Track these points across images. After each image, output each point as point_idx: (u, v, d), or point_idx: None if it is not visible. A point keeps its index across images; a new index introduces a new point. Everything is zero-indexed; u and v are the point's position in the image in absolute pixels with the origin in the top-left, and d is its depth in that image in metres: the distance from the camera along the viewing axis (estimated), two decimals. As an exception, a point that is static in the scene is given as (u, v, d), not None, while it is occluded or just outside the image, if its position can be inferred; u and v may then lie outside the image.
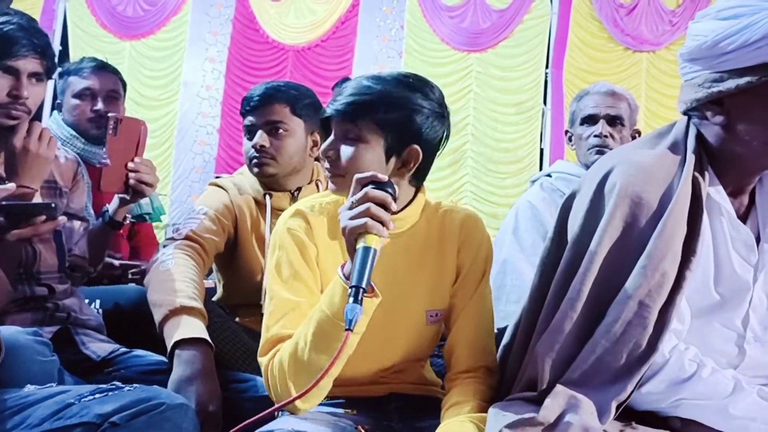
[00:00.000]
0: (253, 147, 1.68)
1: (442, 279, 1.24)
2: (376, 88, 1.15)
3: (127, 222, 1.67)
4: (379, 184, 1.04)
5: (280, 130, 1.69)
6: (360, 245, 0.98)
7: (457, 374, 1.20)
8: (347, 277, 1.02)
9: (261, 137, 1.68)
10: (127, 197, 1.54)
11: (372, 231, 0.98)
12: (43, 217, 1.15)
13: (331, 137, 1.18)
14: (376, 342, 1.13)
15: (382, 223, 1.00)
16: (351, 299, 0.93)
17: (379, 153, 1.16)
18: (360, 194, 1.02)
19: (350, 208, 1.02)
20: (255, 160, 1.69)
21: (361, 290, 0.94)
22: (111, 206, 1.61)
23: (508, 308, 1.73)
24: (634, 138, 1.97)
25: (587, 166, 1.91)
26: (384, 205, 1.01)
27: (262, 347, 1.13)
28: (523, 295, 1.66)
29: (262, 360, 1.13)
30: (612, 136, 1.90)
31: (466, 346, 1.22)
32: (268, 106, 1.68)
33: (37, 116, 1.39)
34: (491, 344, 1.25)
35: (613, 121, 1.92)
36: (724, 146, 1.10)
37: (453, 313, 1.25)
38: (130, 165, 1.49)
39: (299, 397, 0.98)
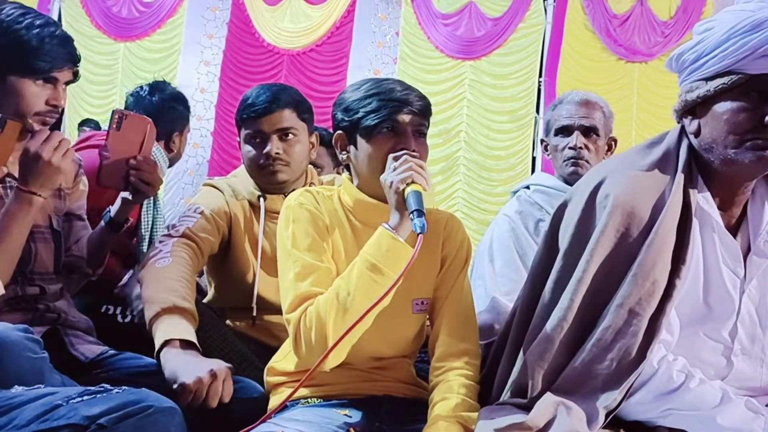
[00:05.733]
0: (266, 154, 1.65)
1: (428, 270, 1.32)
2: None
3: (129, 223, 1.62)
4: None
5: (290, 136, 1.67)
6: (409, 190, 1.16)
7: (441, 362, 1.26)
8: (393, 229, 1.17)
9: (276, 145, 1.65)
10: (129, 197, 1.53)
11: (417, 180, 1.16)
12: None
13: (408, 135, 1.25)
14: (366, 329, 1.17)
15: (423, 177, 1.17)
16: (416, 217, 1.13)
17: None
18: (401, 159, 1.19)
19: (393, 171, 1.18)
20: (269, 168, 1.66)
21: (422, 212, 1.14)
22: (113, 207, 1.58)
23: None
24: (609, 146, 1.94)
25: (564, 178, 1.89)
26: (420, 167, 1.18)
27: (291, 304, 1.20)
28: (483, 305, 1.64)
29: (291, 315, 1.19)
30: (587, 147, 1.85)
31: (448, 331, 1.29)
32: (277, 112, 1.65)
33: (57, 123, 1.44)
34: (472, 333, 1.32)
35: (588, 132, 1.86)
36: (702, 155, 1.12)
37: (436, 304, 1.33)
38: (132, 162, 1.47)
39: (354, 325, 1.10)
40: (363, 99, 1.25)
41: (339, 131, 1.31)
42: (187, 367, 1.22)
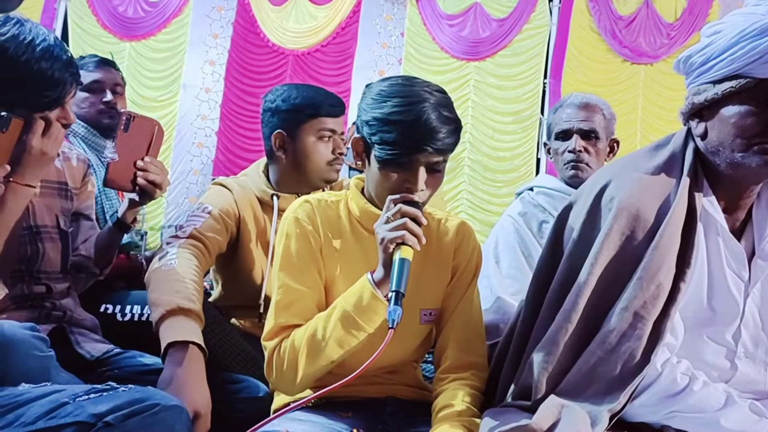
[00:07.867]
0: (340, 152, 1.73)
1: (438, 280, 1.29)
2: (454, 117, 1.17)
3: (136, 223, 1.64)
4: (410, 202, 1.13)
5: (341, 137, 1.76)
6: (397, 256, 1.08)
7: (447, 373, 1.24)
8: (377, 284, 1.12)
9: (341, 144, 1.74)
10: (136, 198, 1.53)
11: (408, 243, 1.09)
12: None
13: (417, 176, 1.15)
14: (372, 338, 1.15)
15: (416, 237, 1.10)
16: (392, 302, 1.04)
17: None
18: (395, 209, 1.11)
19: (386, 223, 1.11)
20: (337, 165, 1.74)
21: (401, 294, 1.05)
22: (120, 208, 1.59)
23: None
24: (612, 148, 1.93)
25: (565, 181, 1.89)
26: (416, 220, 1.11)
27: (269, 332, 1.20)
28: (489, 306, 1.64)
29: (267, 343, 1.20)
30: (587, 150, 1.85)
31: (456, 344, 1.26)
32: (342, 115, 1.74)
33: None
34: (481, 345, 1.29)
35: (587, 135, 1.85)
36: (708, 158, 1.12)
37: (445, 314, 1.30)
38: (139, 163, 1.48)
39: (319, 395, 1.02)
40: (386, 122, 1.13)
41: (358, 135, 1.22)
42: (169, 386, 1.20)
